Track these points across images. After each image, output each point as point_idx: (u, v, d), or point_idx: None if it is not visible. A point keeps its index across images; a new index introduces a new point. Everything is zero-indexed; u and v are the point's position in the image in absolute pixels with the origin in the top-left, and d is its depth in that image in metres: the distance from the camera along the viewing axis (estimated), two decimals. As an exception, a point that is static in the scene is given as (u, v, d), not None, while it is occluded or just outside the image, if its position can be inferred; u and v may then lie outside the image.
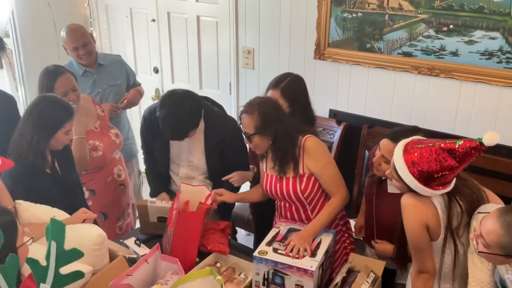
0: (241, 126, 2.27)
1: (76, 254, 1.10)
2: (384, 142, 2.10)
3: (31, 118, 2.19)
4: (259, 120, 2.17)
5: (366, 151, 3.20)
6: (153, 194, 2.71)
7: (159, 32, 4.16)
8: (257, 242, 2.88)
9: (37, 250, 1.44)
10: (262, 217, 2.85)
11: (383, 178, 2.20)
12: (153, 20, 4.15)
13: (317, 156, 2.21)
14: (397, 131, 2.10)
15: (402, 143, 1.83)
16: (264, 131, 2.18)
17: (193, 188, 2.38)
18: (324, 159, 2.23)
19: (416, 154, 1.75)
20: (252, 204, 3.01)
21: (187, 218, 2.19)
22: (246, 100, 3.05)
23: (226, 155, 2.59)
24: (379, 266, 2.04)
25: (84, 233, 1.96)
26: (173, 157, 2.65)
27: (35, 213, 2.02)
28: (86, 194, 2.71)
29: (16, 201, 2.04)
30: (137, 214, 3.20)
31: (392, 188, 2.07)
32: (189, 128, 2.43)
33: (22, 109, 4.06)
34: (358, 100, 3.26)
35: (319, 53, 3.29)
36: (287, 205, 2.33)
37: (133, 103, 3.31)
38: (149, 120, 2.62)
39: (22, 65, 4.05)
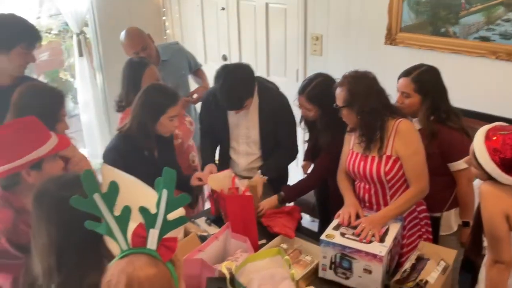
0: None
1: (183, 200, 1.17)
2: (399, 81, 2.39)
3: (140, 103, 2.36)
4: (347, 95, 2.18)
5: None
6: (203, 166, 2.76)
7: (228, 20, 4.23)
8: (322, 227, 2.91)
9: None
10: (326, 202, 2.86)
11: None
12: (223, 9, 4.22)
13: (408, 140, 2.18)
14: (410, 68, 2.40)
15: (484, 129, 1.76)
16: (351, 106, 2.19)
17: (219, 175, 2.45)
18: (415, 146, 2.19)
19: (498, 141, 1.69)
20: (317, 189, 3.03)
21: (237, 203, 2.21)
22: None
23: (278, 130, 2.66)
24: (450, 255, 1.99)
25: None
26: (233, 136, 2.73)
27: (117, 177, 2.13)
28: None
29: (103, 163, 2.15)
30: (205, 197, 3.32)
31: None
32: (245, 96, 2.51)
33: (100, 96, 4.30)
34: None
35: (390, 38, 3.22)
36: (367, 186, 2.30)
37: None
38: (208, 103, 2.74)
39: (101, 53, 4.27)
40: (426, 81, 2.33)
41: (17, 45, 2.29)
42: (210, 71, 3.57)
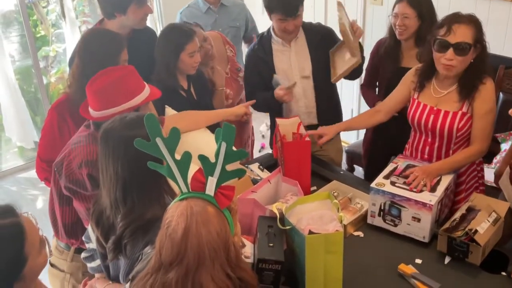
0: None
1: (241, 154, 1.23)
2: None
3: (159, 45, 2.48)
4: (476, 32, 2.00)
5: (501, 94, 3.00)
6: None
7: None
8: (367, 174, 2.97)
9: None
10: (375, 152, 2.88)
11: None
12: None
13: (487, 99, 2.10)
14: None
15: None
16: (475, 46, 2.01)
17: (287, 121, 2.46)
18: (491, 105, 2.12)
19: None
20: (367, 140, 3.03)
21: (295, 148, 2.25)
22: (372, 39, 3.01)
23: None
24: (502, 207, 1.97)
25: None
26: (285, 75, 2.66)
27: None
28: None
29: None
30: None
31: None
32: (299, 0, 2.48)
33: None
34: (495, 39, 3.01)
35: (456, -13, 3.08)
36: (429, 139, 2.26)
37: None
38: (253, 55, 2.72)
39: (161, 3, 4.35)
40: None
41: (130, 4, 2.49)
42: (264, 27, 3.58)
